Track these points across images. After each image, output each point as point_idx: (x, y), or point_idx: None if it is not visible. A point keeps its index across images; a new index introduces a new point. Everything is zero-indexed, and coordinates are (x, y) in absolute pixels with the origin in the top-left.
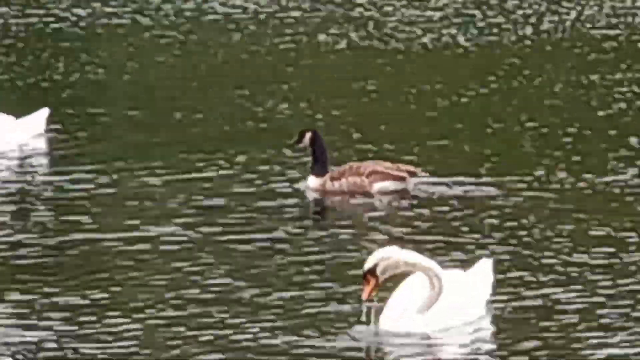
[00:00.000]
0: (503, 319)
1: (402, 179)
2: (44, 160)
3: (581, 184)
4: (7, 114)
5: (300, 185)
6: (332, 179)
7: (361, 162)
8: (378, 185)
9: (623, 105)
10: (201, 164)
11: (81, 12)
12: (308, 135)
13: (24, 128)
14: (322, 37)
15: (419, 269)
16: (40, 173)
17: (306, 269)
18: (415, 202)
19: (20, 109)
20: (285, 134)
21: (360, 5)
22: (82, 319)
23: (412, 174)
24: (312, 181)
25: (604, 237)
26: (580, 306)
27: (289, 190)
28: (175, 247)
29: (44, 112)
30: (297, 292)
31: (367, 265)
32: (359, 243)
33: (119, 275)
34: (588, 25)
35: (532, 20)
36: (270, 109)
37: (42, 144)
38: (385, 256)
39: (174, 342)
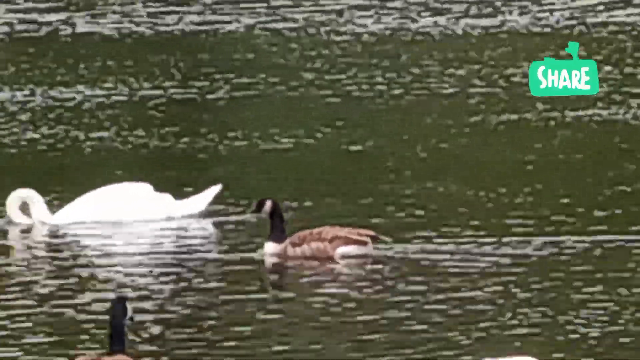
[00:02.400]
0: None
1: (365, 243)
2: (201, 242)
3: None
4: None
5: (258, 252)
6: (294, 244)
7: (320, 228)
8: (341, 250)
9: None
10: None
11: (245, 80)
12: (268, 204)
13: (182, 208)
14: None
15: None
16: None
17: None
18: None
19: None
20: None
21: None
22: None
23: (374, 239)
24: (271, 247)
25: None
26: None
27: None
28: None
29: (215, 189)
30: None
31: None
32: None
33: None
34: None
35: None
36: None
37: (203, 225)
38: None
39: None
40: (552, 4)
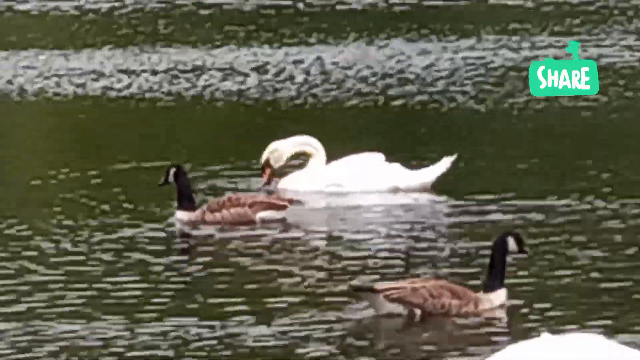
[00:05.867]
0: None
1: (284, 207)
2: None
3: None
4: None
5: (169, 220)
6: (212, 210)
7: (239, 194)
8: (261, 215)
9: None
10: None
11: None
12: (172, 170)
13: (411, 178)
14: None
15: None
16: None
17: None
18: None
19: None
20: None
21: None
22: None
23: (292, 202)
24: (183, 215)
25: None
26: None
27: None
28: None
29: (449, 159)
30: None
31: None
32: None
33: None
34: None
35: None
36: None
37: (431, 198)
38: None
39: None
40: None
